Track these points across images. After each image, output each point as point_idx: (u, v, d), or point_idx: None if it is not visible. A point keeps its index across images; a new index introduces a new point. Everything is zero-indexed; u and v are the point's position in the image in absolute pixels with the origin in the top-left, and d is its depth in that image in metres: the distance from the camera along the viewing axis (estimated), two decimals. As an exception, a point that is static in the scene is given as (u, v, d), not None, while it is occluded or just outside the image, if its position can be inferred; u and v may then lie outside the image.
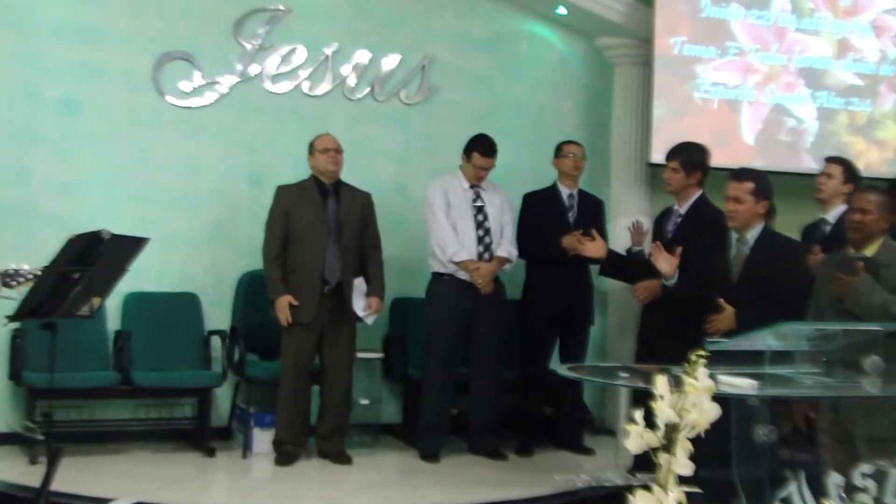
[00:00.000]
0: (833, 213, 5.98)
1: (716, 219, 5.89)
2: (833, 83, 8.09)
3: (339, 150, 6.45)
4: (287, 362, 6.35)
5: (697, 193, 6.09)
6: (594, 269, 6.91)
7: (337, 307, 6.36)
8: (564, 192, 6.98)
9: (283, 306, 6.24)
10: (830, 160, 6.22)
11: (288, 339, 6.34)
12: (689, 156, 6.09)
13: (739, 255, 5.28)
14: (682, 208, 6.08)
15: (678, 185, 6.06)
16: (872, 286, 4.68)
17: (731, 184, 5.28)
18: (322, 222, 6.36)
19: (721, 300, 5.11)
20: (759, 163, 7.61)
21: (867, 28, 8.16)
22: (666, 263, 5.46)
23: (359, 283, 6.43)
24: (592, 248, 6.40)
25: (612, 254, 6.59)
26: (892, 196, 5.01)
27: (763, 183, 5.29)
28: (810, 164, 7.73)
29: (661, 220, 6.25)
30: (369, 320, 6.49)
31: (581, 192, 7.04)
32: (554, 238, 6.70)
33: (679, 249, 5.42)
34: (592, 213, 7.03)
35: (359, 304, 6.40)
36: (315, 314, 6.28)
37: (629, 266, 6.50)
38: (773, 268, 5.12)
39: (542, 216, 6.90)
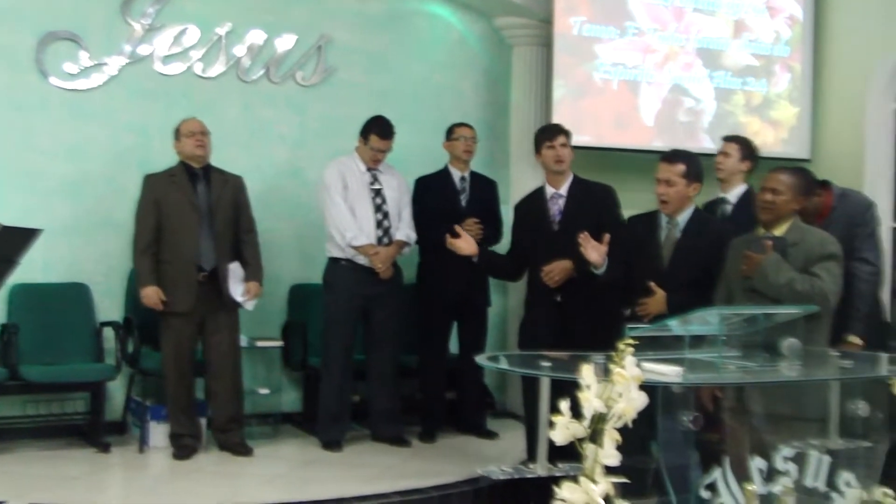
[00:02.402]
0: (733, 193, 6.01)
1: (606, 191, 6.01)
2: (730, 63, 8.16)
3: (205, 133, 6.30)
4: (167, 353, 6.24)
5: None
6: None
7: (214, 294, 6.22)
8: (456, 175, 6.91)
9: (149, 295, 6.11)
10: (728, 139, 6.24)
11: (166, 329, 6.22)
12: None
13: (670, 238, 5.25)
14: (562, 189, 6.02)
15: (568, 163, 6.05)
16: (780, 265, 4.70)
17: (663, 166, 5.25)
18: (193, 208, 6.21)
19: (652, 284, 5.07)
20: (658, 143, 7.67)
21: (762, 9, 8.26)
22: (595, 253, 5.38)
23: (235, 269, 6.29)
24: (461, 245, 6.04)
25: (485, 252, 6.38)
26: (804, 177, 5.04)
27: (695, 165, 5.27)
28: (708, 144, 7.79)
29: (534, 204, 6.16)
30: (249, 306, 6.35)
31: (474, 175, 6.99)
32: (446, 222, 6.60)
33: (607, 237, 5.35)
34: (485, 196, 6.99)
35: (237, 290, 6.27)
36: (192, 302, 6.14)
37: (502, 264, 6.40)
38: (704, 251, 5.11)
39: (434, 200, 6.83)
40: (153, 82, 6.94)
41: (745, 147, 6.09)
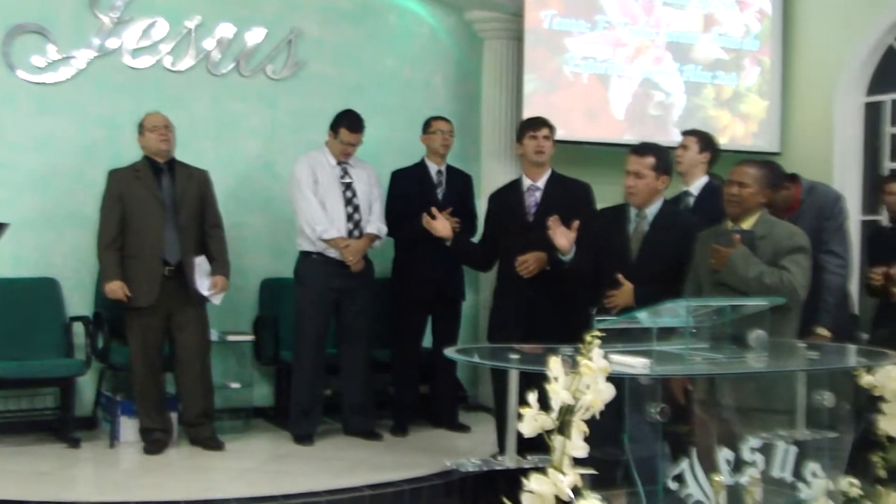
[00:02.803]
0: (696, 185, 6.01)
1: (583, 188, 5.99)
2: (700, 57, 8.20)
3: (169, 127, 6.26)
4: (135, 349, 6.20)
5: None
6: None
7: (181, 289, 6.19)
8: (433, 168, 6.91)
9: (114, 289, 6.08)
10: (686, 133, 6.26)
11: (133, 324, 6.19)
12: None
13: (639, 230, 5.25)
14: (539, 182, 6.03)
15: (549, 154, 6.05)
16: (748, 258, 4.72)
17: (632, 158, 5.24)
18: (158, 202, 6.17)
19: (620, 276, 5.08)
20: (628, 136, 7.69)
21: (732, 3, 8.30)
22: (564, 238, 5.39)
23: (201, 263, 6.26)
24: (437, 227, 6.09)
25: (458, 238, 6.40)
26: (770, 170, 5.06)
27: (664, 158, 5.27)
28: (678, 137, 7.77)
29: (509, 195, 6.15)
30: (216, 300, 6.32)
31: (450, 168, 6.99)
32: (423, 216, 6.61)
33: (576, 223, 5.36)
34: (461, 190, 7.00)
35: (203, 284, 6.24)
36: (158, 297, 6.12)
37: (474, 252, 6.42)
38: (672, 244, 5.12)
39: (410, 193, 6.81)
40: (122, 76, 6.89)
41: (703, 139, 6.09)
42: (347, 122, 6.52)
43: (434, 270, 6.69)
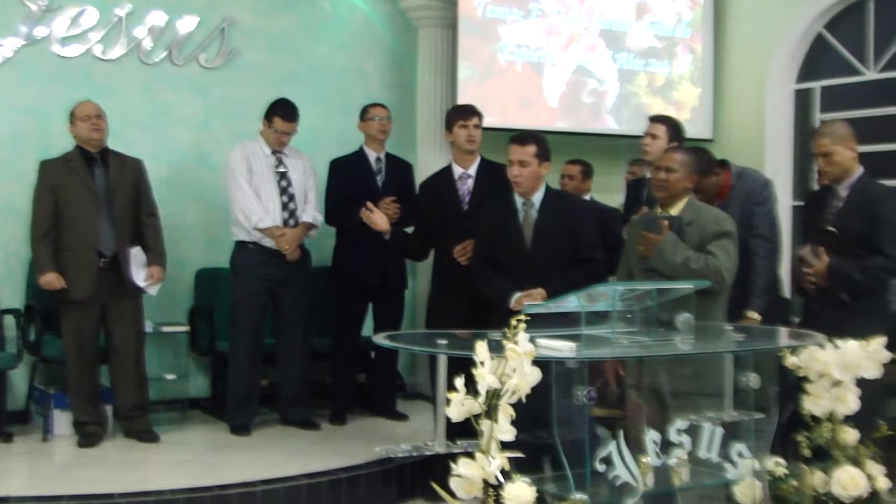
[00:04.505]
0: None
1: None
2: (632, 45, 8.26)
3: (101, 117, 6.18)
4: (69, 342, 6.13)
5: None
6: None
7: (116, 280, 6.13)
8: (372, 156, 6.90)
9: (50, 281, 6.01)
10: (655, 119, 6.24)
11: (67, 317, 6.12)
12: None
13: (528, 219, 5.31)
14: (470, 169, 6.07)
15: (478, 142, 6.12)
16: (676, 244, 4.79)
17: (515, 147, 5.29)
18: (91, 193, 6.10)
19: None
20: (563, 124, 7.74)
21: (664, -10, 8.36)
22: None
23: (136, 253, 6.21)
24: (376, 220, 6.22)
25: (396, 230, 6.45)
26: (697, 155, 5.12)
27: (544, 145, 5.33)
28: (612, 125, 7.89)
29: (442, 184, 6.18)
30: (152, 291, 6.26)
31: (389, 156, 6.98)
32: (363, 204, 6.62)
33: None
34: (401, 177, 6.98)
35: (139, 275, 6.18)
36: (93, 289, 6.05)
37: (411, 243, 6.45)
38: (563, 228, 5.23)
39: (350, 182, 6.80)
40: (51, 65, 6.82)
41: (673, 128, 6.14)
42: (281, 112, 6.49)
43: (376, 259, 6.68)
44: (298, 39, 7.61)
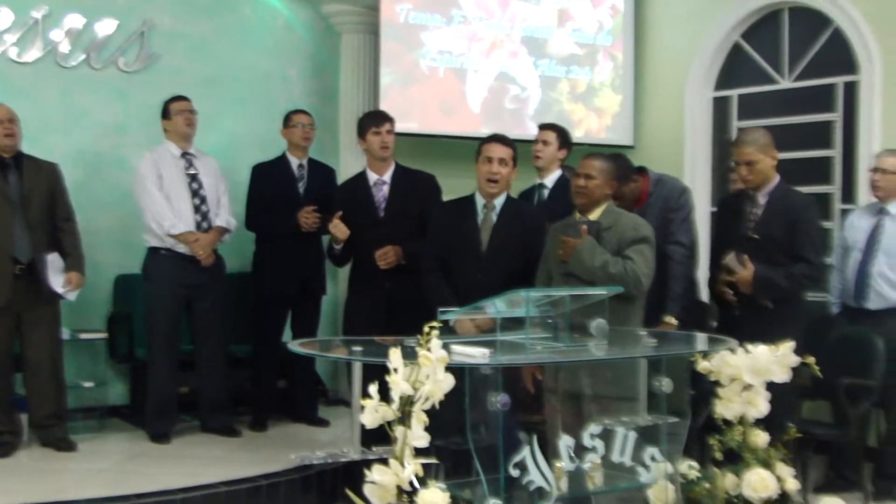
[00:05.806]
0: (550, 178, 6.21)
1: (429, 180, 6.13)
2: (554, 52, 8.32)
3: (13, 121, 6.06)
4: None
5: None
6: (325, 238, 6.84)
7: (32, 287, 6.02)
8: (294, 162, 6.88)
9: None
10: (545, 127, 6.41)
11: None
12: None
13: (488, 221, 5.36)
14: (385, 175, 6.12)
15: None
16: (594, 248, 4.85)
17: (497, 147, 5.37)
18: (5, 199, 5.98)
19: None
20: (485, 130, 7.73)
21: (586, -2, 8.43)
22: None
23: (53, 259, 6.11)
24: (340, 232, 6.13)
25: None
26: (616, 162, 5.20)
27: (515, 150, 5.42)
28: (534, 131, 7.89)
29: (357, 190, 6.21)
30: (70, 296, 6.17)
31: (311, 162, 6.97)
32: (284, 210, 6.60)
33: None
34: (323, 183, 6.96)
35: (57, 281, 6.08)
36: (8, 297, 5.94)
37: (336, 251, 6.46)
38: (519, 236, 5.28)
39: (272, 188, 6.79)
40: (-36, 68, 6.72)
41: (562, 135, 6.29)
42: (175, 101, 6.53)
43: (296, 265, 6.67)
44: (219, 44, 7.56)
